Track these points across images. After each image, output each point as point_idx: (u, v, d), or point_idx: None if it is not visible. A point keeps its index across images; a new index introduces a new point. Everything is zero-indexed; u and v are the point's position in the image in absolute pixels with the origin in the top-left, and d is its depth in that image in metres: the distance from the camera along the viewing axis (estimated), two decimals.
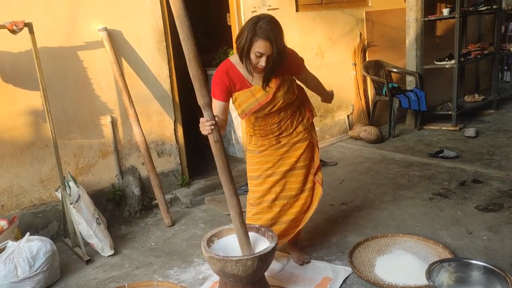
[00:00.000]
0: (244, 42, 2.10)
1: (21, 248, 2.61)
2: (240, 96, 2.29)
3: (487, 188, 3.63)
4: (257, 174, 2.51)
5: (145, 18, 3.63)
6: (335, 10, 5.12)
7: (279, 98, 2.30)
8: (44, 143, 3.22)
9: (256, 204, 2.54)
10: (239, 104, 2.31)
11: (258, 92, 2.27)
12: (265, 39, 2.07)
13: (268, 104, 2.30)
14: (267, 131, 2.43)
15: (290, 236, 2.62)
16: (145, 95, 3.71)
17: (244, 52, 2.12)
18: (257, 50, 2.09)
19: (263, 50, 2.09)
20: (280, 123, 2.41)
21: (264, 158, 2.48)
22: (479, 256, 2.62)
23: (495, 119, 5.78)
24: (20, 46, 3.02)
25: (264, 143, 2.46)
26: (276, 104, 2.31)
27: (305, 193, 2.56)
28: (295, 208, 2.55)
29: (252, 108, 2.29)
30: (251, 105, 2.29)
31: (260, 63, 2.13)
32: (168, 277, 2.71)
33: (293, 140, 2.47)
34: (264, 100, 2.27)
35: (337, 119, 5.43)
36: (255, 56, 2.12)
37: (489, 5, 5.75)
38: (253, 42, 2.08)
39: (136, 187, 3.69)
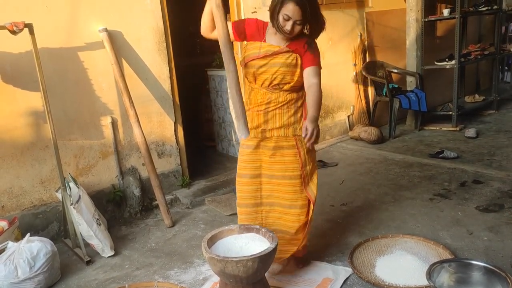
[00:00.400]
0: (276, 3, 2.17)
1: (21, 249, 2.61)
2: (251, 44, 2.34)
3: (487, 188, 3.63)
4: (245, 173, 2.46)
5: (146, 18, 3.63)
6: (335, 11, 5.12)
7: (276, 65, 2.28)
8: (44, 144, 3.22)
9: (242, 206, 2.50)
10: (245, 50, 2.36)
11: (264, 47, 2.30)
12: (295, 4, 2.11)
13: (264, 60, 2.28)
14: (253, 112, 2.39)
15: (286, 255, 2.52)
16: (146, 95, 3.71)
17: (275, 13, 2.18)
18: (285, 12, 2.14)
19: (291, 14, 2.13)
20: (269, 106, 2.35)
21: (253, 157, 2.42)
22: (480, 257, 2.62)
23: (496, 120, 5.78)
24: (20, 47, 3.02)
25: (251, 134, 2.36)
26: (270, 69, 2.28)
27: (296, 210, 2.44)
28: (284, 221, 2.47)
29: (251, 56, 2.32)
30: (253, 54, 2.31)
31: (286, 27, 2.18)
32: (168, 278, 2.71)
33: (281, 143, 2.39)
34: (264, 53, 2.28)
35: (338, 119, 5.43)
36: (283, 19, 2.16)
37: (489, 6, 5.75)
38: (283, 4, 2.14)
39: (137, 188, 3.69)
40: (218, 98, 4.93)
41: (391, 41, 5.78)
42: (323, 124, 5.23)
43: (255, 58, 2.30)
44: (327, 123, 5.30)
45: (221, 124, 5.03)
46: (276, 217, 2.50)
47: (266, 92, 2.36)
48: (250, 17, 4.26)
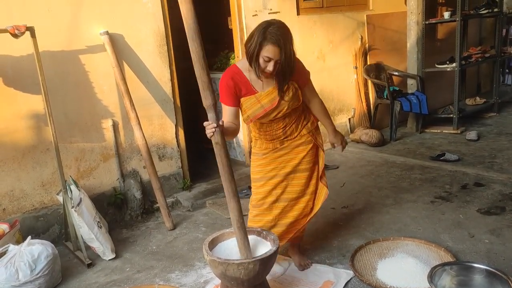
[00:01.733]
0: (254, 46, 2.11)
1: (22, 251, 2.61)
2: (246, 102, 2.29)
3: (489, 191, 3.62)
4: (259, 176, 2.51)
5: (147, 21, 3.64)
6: (336, 14, 5.13)
7: (284, 105, 2.31)
8: (45, 147, 3.22)
9: (257, 206, 2.54)
10: (245, 110, 2.32)
11: (263, 99, 2.28)
12: (274, 44, 2.09)
13: (273, 111, 2.31)
14: (272, 135, 2.44)
15: (289, 238, 2.61)
16: (147, 98, 3.71)
17: (254, 56, 2.14)
18: (266, 54, 2.11)
19: (272, 55, 2.11)
20: (286, 128, 2.42)
21: (267, 160, 2.48)
22: (481, 260, 2.61)
23: (497, 122, 5.77)
24: (22, 50, 3.03)
25: (269, 146, 2.47)
26: (281, 110, 2.32)
27: (306, 197, 2.55)
28: (294, 212, 2.55)
29: (257, 114, 2.30)
30: (257, 111, 2.30)
31: (268, 68, 2.15)
32: (169, 281, 2.71)
33: (296, 142, 2.47)
34: (270, 106, 2.28)
35: (338, 122, 5.42)
36: (263, 61, 2.13)
37: (490, 8, 5.75)
38: (262, 46, 2.10)
39: (138, 191, 3.68)
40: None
41: (392, 44, 5.79)
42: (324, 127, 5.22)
43: (263, 113, 2.30)
44: None
45: None
46: (288, 211, 2.55)
47: (278, 120, 2.39)
48: (251, 20, 4.28)
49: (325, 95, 5.16)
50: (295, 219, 2.55)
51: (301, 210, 2.55)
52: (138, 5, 3.57)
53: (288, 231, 2.57)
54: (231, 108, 2.28)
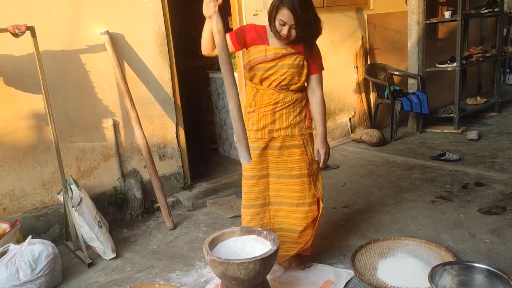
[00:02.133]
0: (272, 9, 2.22)
1: (23, 251, 2.61)
2: (255, 48, 2.34)
3: (489, 191, 3.62)
4: (251, 174, 2.47)
5: (147, 21, 3.64)
6: (336, 13, 5.13)
7: (284, 66, 2.30)
8: (46, 146, 3.22)
9: (248, 207, 2.51)
10: (249, 55, 2.35)
11: (270, 50, 2.32)
12: (289, 9, 2.16)
13: (272, 62, 2.30)
14: (260, 113, 2.39)
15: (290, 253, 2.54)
16: (147, 98, 3.71)
17: (271, 18, 2.23)
18: (281, 18, 2.19)
19: (286, 19, 2.18)
20: (276, 105, 2.37)
21: (260, 158, 2.44)
22: (482, 259, 2.61)
23: (498, 122, 5.77)
24: (22, 50, 3.03)
25: (258, 135, 2.41)
26: (279, 70, 2.30)
27: (304, 208, 2.48)
28: (292, 219, 2.49)
29: (258, 60, 2.32)
30: (259, 57, 2.32)
31: (283, 32, 2.22)
32: (170, 280, 2.71)
33: (288, 143, 2.42)
34: (272, 57, 2.30)
35: (339, 122, 5.42)
36: (279, 24, 2.21)
37: (490, 8, 5.74)
38: (278, 9, 2.19)
39: (138, 190, 3.69)
40: (220, 100, 4.94)
41: (393, 44, 5.78)
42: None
43: (263, 61, 2.31)
44: (328, 126, 5.29)
45: (222, 126, 5.03)
46: (283, 216, 2.52)
47: (273, 93, 2.37)
48: (252, 19, 4.28)
49: (325, 95, 5.09)
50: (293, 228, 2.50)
51: (300, 220, 2.49)
52: (138, 5, 3.57)
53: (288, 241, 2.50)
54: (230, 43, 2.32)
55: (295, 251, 2.54)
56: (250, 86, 2.47)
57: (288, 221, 2.51)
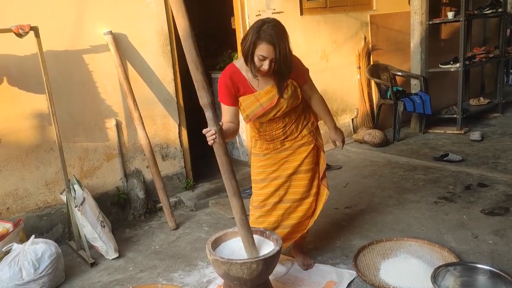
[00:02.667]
0: (249, 45, 2.11)
1: (26, 250, 2.62)
2: (245, 101, 2.29)
3: (492, 192, 3.61)
4: (262, 177, 2.50)
5: (150, 21, 3.65)
6: (339, 14, 5.13)
7: (283, 103, 2.29)
8: (49, 146, 3.23)
9: (259, 207, 2.53)
10: (244, 109, 2.31)
11: (262, 97, 2.27)
12: (268, 43, 2.08)
13: (272, 109, 2.30)
14: (272, 136, 2.43)
15: (293, 239, 2.62)
16: (150, 98, 3.72)
17: (249, 55, 2.14)
18: (260, 53, 2.10)
19: (266, 54, 2.10)
20: (285, 128, 2.41)
21: (269, 161, 2.47)
22: (485, 260, 2.60)
23: (501, 123, 5.75)
24: (26, 50, 3.04)
25: (269, 146, 2.46)
26: (281, 109, 2.31)
27: (309, 198, 2.55)
28: (298, 213, 2.54)
29: (256, 113, 2.29)
30: (256, 110, 2.29)
31: (263, 67, 2.14)
32: (172, 280, 2.71)
33: (297, 143, 2.46)
34: (269, 105, 2.27)
35: (342, 122, 5.42)
36: (258, 59, 2.13)
37: (494, 9, 5.72)
38: (256, 45, 2.09)
39: (141, 190, 3.69)
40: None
41: (395, 44, 5.77)
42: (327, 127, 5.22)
43: (262, 112, 2.29)
44: None
45: None
46: (291, 212, 2.54)
47: (278, 120, 2.38)
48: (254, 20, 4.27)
49: (328, 95, 5.15)
50: (299, 221, 2.55)
51: (305, 212, 2.55)
52: (141, 5, 3.58)
53: (292, 233, 2.57)
54: (230, 107, 2.29)
55: (295, 239, 2.62)
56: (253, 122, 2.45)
57: (295, 215, 2.55)
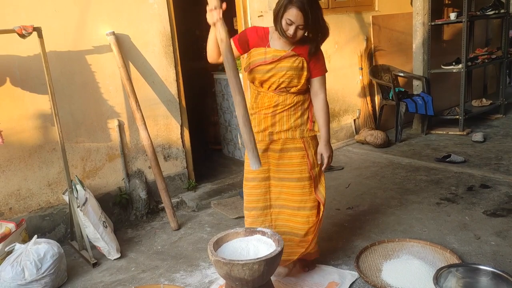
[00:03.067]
0: (279, 8, 2.18)
1: (28, 250, 2.62)
2: (255, 50, 2.34)
3: (495, 193, 3.60)
4: (252, 176, 2.46)
5: (153, 22, 3.66)
6: (341, 15, 5.13)
7: (283, 69, 2.28)
8: (52, 147, 3.24)
9: (249, 209, 2.50)
10: (250, 57, 2.35)
11: (269, 52, 2.30)
12: (298, 9, 2.13)
13: (271, 65, 2.28)
14: (261, 115, 2.39)
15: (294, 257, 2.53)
16: (152, 99, 3.73)
17: (278, 17, 2.19)
18: (288, 17, 2.15)
19: (294, 19, 2.15)
20: (276, 109, 2.36)
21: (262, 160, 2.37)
22: (488, 262, 2.60)
23: (503, 124, 5.74)
24: (29, 50, 3.05)
25: (258, 138, 2.39)
26: (277, 73, 2.29)
27: (305, 212, 2.45)
28: (293, 223, 2.48)
29: (257, 62, 2.31)
30: (258, 59, 2.31)
31: (289, 31, 2.19)
32: (174, 281, 2.72)
33: (288, 146, 2.41)
34: (271, 59, 2.28)
35: (344, 123, 5.42)
36: (286, 23, 2.18)
37: (496, 10, 5.72)
38: (286, 8, 2.15)
39: (143, 191, 3.70)
40: (224, 101, 4.95)
41: (398, 45, 5.77)
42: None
43: (262, 64, 2.30)
44: (333, 127, 5.29)
45: (227, 127, 5.04)
46: (285, 219, 2.50)
47: (273, 95, 2.36)
48: (257, 20, 4.29)
49: (330, 96, 5.15)
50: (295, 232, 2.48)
51: (301, 225, 2.46)
52: (144, 6, 3.59)
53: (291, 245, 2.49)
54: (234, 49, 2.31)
55: (297, 256, 2.52)
56: (252, 88, 2.47)
57: (290, 225, 2.50)
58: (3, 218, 3.09)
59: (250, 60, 2.35)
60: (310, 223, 2.47)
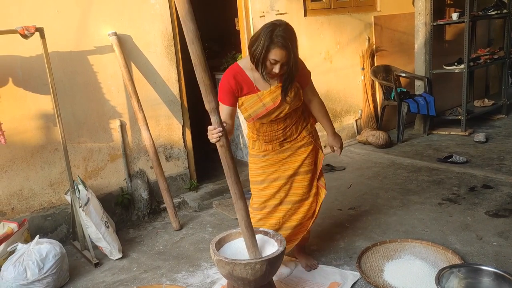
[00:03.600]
0: (261, 50, 2.08)
1: (30, 250, 2.63)
2: (248, 101, 2.28)
3: (497, 193, 3.59)
4: (262, 179, 2.49)
5: (154, 22, 3.66)
6: (343, 15, 5.13)
7: (286, 104, 2.29)
8: (54, 147, 3.25)
9: (259, 209, 2.52)
10: (246, 108, 2.30)
11: (265, 97, 2.26)
12: (282, 48, 2.06)
13: (275, 110, 2.29)
14: (272, 137, 2.42)
15: (295, 241, 2.60)
16: (154, 99, 3.73)
17: (260, 59, 2.11)
18: (273, 57, 2.09)
19: (279, 58, 2.09)
20: (286, 129, 2.41)
21: (268, 162, 2.46)
22: (490, 262, 2.59)
23: (505, 124, 5.73)
24: (31, 51, 3.06)
25: (268, 148, 2.45)
26: (283, 110, 2.31)
27: (309, 199, 2.54)
28: (299, 214, 2.53)
29: (259, 113, 2.29)
30: (258, 110, 2.28)
31: (274, 70, 2.14)
32: (176, 281, 2.72)
33: (297, 144, 2.46)
34: (272, 105, 2.27)
35: (345, 123, 5.42)
36: (270, 63, 2.12)
37: (498, 10, 5.71)
38: (269, 49, 2.07)
39: (145, 191, 3.70)
40: None
41: (399, 45, 5.77)
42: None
43: (265, 112, 2.28)
44: (334, 127, 5.25)
45: None
46: (292, 213, 2.54)
47: (280, 121, 2.37)
48: (258, 21, 4.29)
49: (332, 96, 5.15)
50: (300, 222, 2.54)
51: (305, 213, 2.54)
52: (146, 6, 3.59)
53: (293, 234, 2.56)
54: (229, 107, 2.27)
55: (297, 241, 2.60)
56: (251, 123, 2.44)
57: (295, 217, 2.54)
58: (6, 218, 3.10)
59: (248, 111, 2.30)
60: (312, 208, 2.57)
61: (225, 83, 2.26)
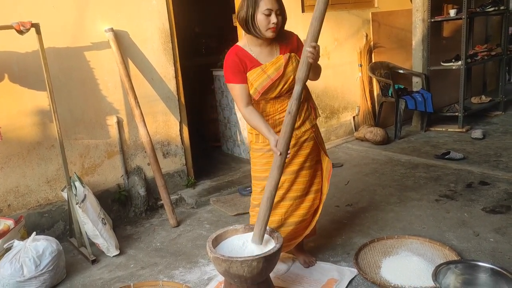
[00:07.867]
0: (249, 7, 2.13)
1: (27, 247, 2.62)
2: (252, 75, 2.28)
3: (494, 190, 3.60)
4: (266, 175, 2.45)
5: (152, 19, 3.64)
6: (341, 11, 5.12)
7: (289, 74, 2.28)
8: (50, 143, 3.23)
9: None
10: (251, 83, 2.29)
11: (269, 68, 2.26)
12: None
13: (279, 80, 2.27)
14: (275, 120, 2.39)
15: (299, 239, 2.58)
16: (151, 95, 3.72)
17: (250, 18, 2.15)
18: (266, 7, 2.12)
19: (271, 6, 2.13)
20: None
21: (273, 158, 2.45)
22: (486, 258, 2.60)
23: (502, 121, 5.74)
24: (27, 47, 3.04)
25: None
26: (287, 80, 2.28)
27: (311, 195, 2.53)
28: (301, 210, 2.52)
29: (264, 84, 2.27)
30: (264, 81, 2.27)
31: (272, 21, 2.15)
32: (173, 278, 2.72)
33: (301, 139, 2.44)
34: (276, 75, 2.26)
35: (343, 120, 5.42)
36: (265, 17, 2.14)
37: (496, 6, 5.71)
38: (258, 2, 2.12)
39: (142, 188, 3.69)
40: (224, 98, 4.94)
41: (397, 42, 5.76)
42: (328, 125, 5.22)
43: (270, 83, 2.27)
44: (332, 124, 5.29)
45: (226, 124, 5.04)
46: (294, 209, 2.52)
47: (284, 99, 2.35)
48: None
49: (329, 93, 5.15)
50: (303, 218, 2.52)
51: (308, 209, 2.53)
52: (143, 2, 3.57)
53: (297, 230, 2.54)
54: (243, 85, 2.26)
55: (301, 238, 2.60)
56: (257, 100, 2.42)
57: (298, 213, 2.52)
58: (2, 215, 3.09)
59: (254, 85, 2.28)
60: (315, 205, 2.56)
61: (230, 62, 2.28)
